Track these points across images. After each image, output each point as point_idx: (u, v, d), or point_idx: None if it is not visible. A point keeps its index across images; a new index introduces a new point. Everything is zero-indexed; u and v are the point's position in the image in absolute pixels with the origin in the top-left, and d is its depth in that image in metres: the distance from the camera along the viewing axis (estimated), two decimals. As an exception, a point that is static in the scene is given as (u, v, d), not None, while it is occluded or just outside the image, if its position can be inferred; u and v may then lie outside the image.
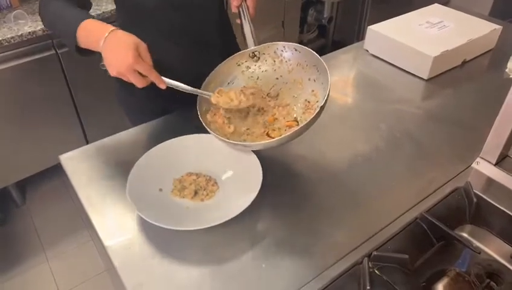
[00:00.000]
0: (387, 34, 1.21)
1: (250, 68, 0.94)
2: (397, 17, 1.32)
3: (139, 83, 0.77)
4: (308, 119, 0.75)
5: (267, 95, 0.91)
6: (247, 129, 0.88)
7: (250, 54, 0.93)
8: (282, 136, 0.76)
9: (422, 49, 1.14)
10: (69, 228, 1.80)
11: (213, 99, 0.86)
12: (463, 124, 1.03)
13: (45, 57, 1.61)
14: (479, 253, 0.71)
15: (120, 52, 0.75)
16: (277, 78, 0.92)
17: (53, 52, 1.61)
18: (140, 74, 0.77)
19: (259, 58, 0.93)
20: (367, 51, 1.29)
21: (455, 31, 1.23)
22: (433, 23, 1.27)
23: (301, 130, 0.76)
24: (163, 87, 0.80)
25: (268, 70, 0.93)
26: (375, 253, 0.70)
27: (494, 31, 1.25)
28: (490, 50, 1.29)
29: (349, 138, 0.99)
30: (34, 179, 1.89)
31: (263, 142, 0.79)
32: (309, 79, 0.88)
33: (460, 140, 0.98)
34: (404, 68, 1.20)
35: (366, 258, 0.69)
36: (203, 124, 0.83)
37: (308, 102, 0.87)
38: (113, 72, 0.77)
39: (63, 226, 1.82)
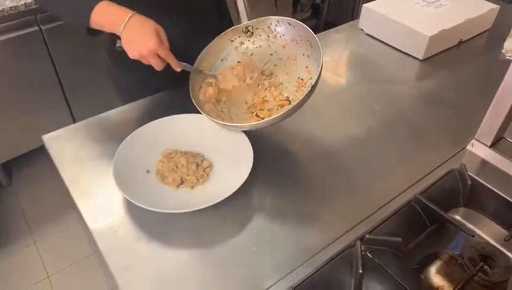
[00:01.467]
0: (383, 13, 1.18)
1: (243, 44, 0.91)
2: (393, -5, 1.28)
3: (159, 66, 0.79)
4: (300, 98, 0.73)
5: (262, 72, 0.88)
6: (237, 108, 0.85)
7: (244, 29, 0.90)
8: (274, 116, 0.74)
9: (418, 28, 1.11)
10: (57, 209, 1.77)
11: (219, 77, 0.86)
12: (458, 105, 1.01)
13: (28, 34, 1.54)
14: (473, 236, 0.70)
15: (143, 36, 0.77)
16: (271, 54, 0.90)
17: (36, 28, 1.55)
18: (159, 57, 0.79)
19: (252, 33, 0.90)
20: (361, 30, 1.26)
21: (452, 10, 1.20)
22: (430, 2, 1.23)
23: (293, 110, 0.74)
24: (178, 69, 0.81)
25: (263, 46, 0.91)
26: (367, 236, 0.68)
27: (492, 11, 1.22)
28: (486, 30, 1.27)
29: (341, 118, 0.96)
30: (21, 160, 1.85)
31: (255, 123, 0.76)
32: (303, 55, 0.86)
33: (455, 122, 0.96)
34: (399, 48, 1.18)
35: (358, 241, 0.68)
36: (195, 104, 0.81)
37: (302, 80, 0.84)
38: (134, 55, 0.78)
39: (50, 207, 1.79)
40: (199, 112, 0.81)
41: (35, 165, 1.92)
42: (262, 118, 0.80)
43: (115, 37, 0.81)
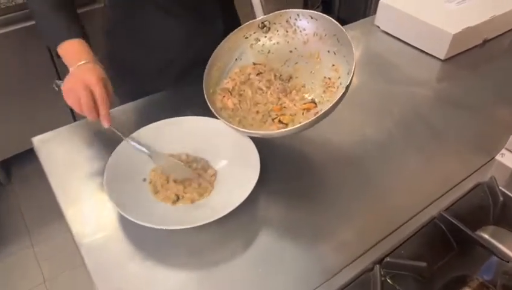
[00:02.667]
0: (401, 9, 1.10)
1: (259, 41, 0.82)
2: (412, -10, 1.20)
3: (88, 105, 0.68)
4: (334, 100, 0.65)
5: (279, 77, 0.80)
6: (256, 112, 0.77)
7: (260, 25, 0.81)
8: (304, 122, 0.65)
9: (440, 26, 1.02)
10: (56, 211, 1.70)
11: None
12: (484, 110, 0.92)
13: (26, 28, 1.48)
14: (508, 262, 0.62)
15: (86, 73, 0.70)
16: (291, 52, 0.81)
17: (34, 22, 1.48)
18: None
19: (269, 28, 0.81)
20: (378, 27, 1.17)
21: (476, 6, 1.11)
22: (452, -3, 1.15)
23: (324, 115, 0.65)
24: (106, 125, 0.71)
25: (281, 43, 0.81)
26: (387, 259, 0.61)
27: (519, 8, 1.13)
28: (513, 29, 1.18)
29: (358, 121, 0.88)
30: (20, 158, 1.79)
31: (282, 131, 0.67)
32: (328, 51, 0.77)
33: (481, 128, 0.88)
34: (418, 47, 1.09)
35: (377, 265, 0.60)
36: (212, 110, 0.73)
37: (329, 79, 0.76)
38: (66, 86, 0.71)
39: (49, 208, 1.71)
40: (200, 114, 0.74)
41: (36, 163, 1.86)
42: (286, 124, 0.72)
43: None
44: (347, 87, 0.65)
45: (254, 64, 0.81)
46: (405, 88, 0.98)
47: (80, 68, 0.72)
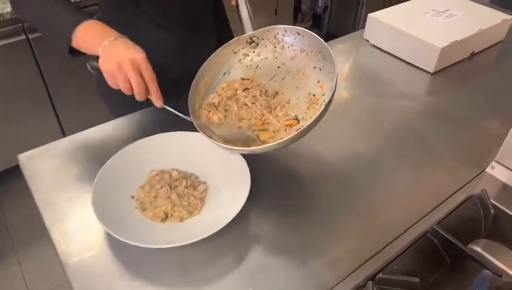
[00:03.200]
0: (390, 23, 1.11)
1: (248, 56, 0.83)
2: (400, 4, 1.21)
3: (139, 86, 0.67)
4: (313, 118, 0.64)
5: (264, 93, 0.80)
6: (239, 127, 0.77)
7: (248, 40, 0.81)
8: (284, 138, 0.64)
9: (429, 40, 1.03)
10: (43, 228, 1.67)
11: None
12: (473, 122, 0.93)
13: (15, 43, 1.47)
14: (501, 276, 0.62)
15: (128, 49, 0.67)
16: (278, 67, 0.81)
17: (23, 37, 1.48)
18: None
19: (257, 44, 0.82)
20: (367, 40, 1.18)
21: (463, 20, 1.13)
22: (439, 11, 1.16)
23: (304, 131, 0.65)
24: (158, 104, 0.70)
25: (269, 58, 0.82)
26: (380, 275, 0.60)
27: (505, 22, 1.15)
28: (499, 42, 1.20)
29: (348, 137, 0.88)
30: (7, 174, 1.76)
31: (264, 146, 0.66)
32: (314, 68, 0.77)
33: (471, 140, 0.88)
34: (407, 60, 1.10)
35: (370, 282, 0.59)
36: (196, 126, 0.72)
37: (313, 95, 0.76)
38: (110, 66, 0.66)
39: (36, 225, 1.68)
40: (190, 128, 0.73)
41: (22, 180, 1.83)
42: (263, 141, 0.72)
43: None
44: (327, 105, 0.65)
45: (242, 79, 0.81)
46: (395, 102, 0.98)
47: (115, 44, 0.67)
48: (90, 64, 0.73)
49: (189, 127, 0.75)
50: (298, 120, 0.74)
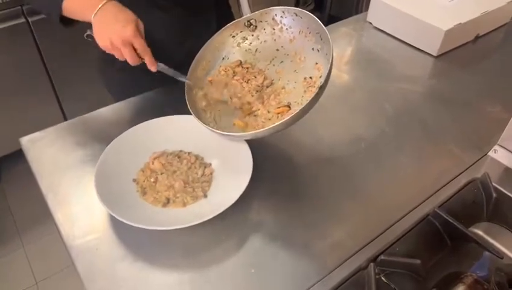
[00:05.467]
0: (393, 5, 1.09)
1: (246, 39, 0.82)
2: (404, -14, 1.19)
3: (133, 59, 0.69)
4: (304, 105, 0.64)
5: (262, 83, 0.79)
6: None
7: (246, 23, 0.80)
8: (273, 124, 0.64)
9: (433, 22, 1.02)
10: (47, 210, 1.69)
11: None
12: (476, 106, 0.92)
13: (14, 26, 1.45)
14: (502, 258, 0.62)
15: (118, 23, 0.67)
16: (277, 50, 0.80)
17: (23, 20, 1.46)
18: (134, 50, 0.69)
19: (256, 27, 0.80)
20: (370, 23, 1.17)
21: (468, 2, 1.11)
22: (444, -6, 1.14)
23: (297, 116, 0.65)
24: (153, 69, 0.71)
25: (268, 41, 0.81)
26: (382, 257, 0.60)
27: (510, 4, 1.13)
28: (505, 24, 1.18)
29: (350, 120, 0.88)
30: (10, 159, 1.76)
31: (253, 132, 0.66)
32: (312, 49, 0.76)
33: (474, 124, 0.88)
34: (411, 43, 1.09)
35: (371, 263, 0.60)
36: (190, 110, 0.72)
37: (310, 78, 0.75)
38: (105, 43, 0.68)
39: (40, 208, 1.69)
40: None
41: (25, 164, 1.83)
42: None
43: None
44: (322, 87, 0.65)
45: (241, 63, 0.81)
46: (398, 85, 0.97)
47: (106, 15, 0.68)
48: (87, 34, 0.72)
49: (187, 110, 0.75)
50: (290, 107, 0.74)
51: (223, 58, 0.81)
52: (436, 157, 0.80)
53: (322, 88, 0.65)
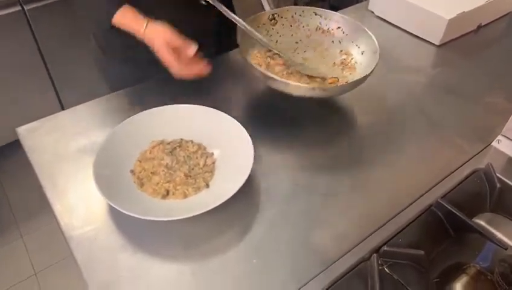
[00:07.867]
0: (396, -7, 1.08)
1: (268, 32, 0.88)
2: (406, -26, 1.17)
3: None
4: (369, 72, 0.76)
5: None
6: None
7: (269, 16, 0.87)
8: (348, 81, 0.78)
9: (435, 11, 1.00)
10: (45, 201, 1.68)
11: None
12: (480, 95, 0.91)
13: (10, 14, 1.43)
14: (506, 249, 0.62)
15: (154, 37, 0.74)
16: (296, 42, 0.90)
17: (19, 8, 1.44)
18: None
19: (277, 22, 0.88)
20: (372, 12, 1.15)
21: (471, -10, 1.10)
22: (447, -18, 1.12)
23: (361, 80, 0.75)
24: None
25: (286, 35, 0.89)
26: (385, 248, 0.60)
27: (514, -8, 1.12)
28: (507, 14, 1.17)
29: (352, 109, 0.87)
30: (7, 149, 1.75)
31: (330, 87, 0.77)
32: (332, 42, 0.88)
33: (477, 114, 0.87)
34: (413, 32, 1.08)
35: (374, 254, 0.59)
36: (249, 62, 0.76)
37: (343, 60, 0.85)
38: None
39: (38, 198, 1.68)
40: (196, 102, 0.73)
41: (22, 154, 1.82)
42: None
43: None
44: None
45: (269, 51, 0.84)
46: (400, 75, 0.96)
47: (148, 33, 0.75)
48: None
49: (190, 100, 0.74)
50: (338, 79, 0.81)
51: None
52: (439, 148, 0.79)
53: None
